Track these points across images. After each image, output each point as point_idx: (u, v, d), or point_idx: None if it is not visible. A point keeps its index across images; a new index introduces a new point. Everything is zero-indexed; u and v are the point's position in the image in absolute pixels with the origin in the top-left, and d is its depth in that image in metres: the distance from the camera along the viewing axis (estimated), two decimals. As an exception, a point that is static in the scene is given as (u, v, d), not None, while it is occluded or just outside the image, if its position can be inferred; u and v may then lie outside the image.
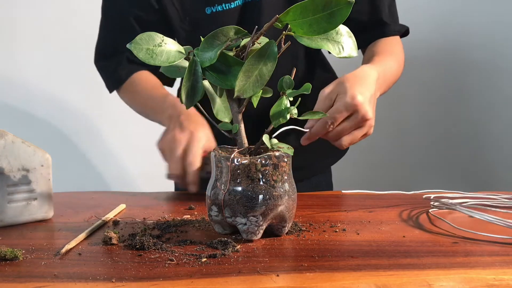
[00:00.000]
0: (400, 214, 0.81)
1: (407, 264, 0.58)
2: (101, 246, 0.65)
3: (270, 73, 0.63)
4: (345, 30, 0.65)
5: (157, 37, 0.64)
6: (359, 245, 0.65)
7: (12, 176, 0.75)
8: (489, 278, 0.54)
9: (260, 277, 0.54)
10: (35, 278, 0.54)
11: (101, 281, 0.53)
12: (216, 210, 0.66)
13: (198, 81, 0.65)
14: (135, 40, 0.63)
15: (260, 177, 0.64)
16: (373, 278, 0.53)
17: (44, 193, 0.78)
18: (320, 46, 0.64)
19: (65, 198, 0.95)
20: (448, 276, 0.54)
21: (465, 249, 0.63)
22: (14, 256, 0.59)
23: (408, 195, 0.93)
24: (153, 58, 0.63)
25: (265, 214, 0.64)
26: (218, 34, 0.64)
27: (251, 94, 0.64)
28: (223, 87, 0.66)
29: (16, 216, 0.75)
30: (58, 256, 0.61)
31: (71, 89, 1.80)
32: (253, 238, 0.66)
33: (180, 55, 0.65)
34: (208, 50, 0.64)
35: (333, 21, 0.60)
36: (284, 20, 0.62)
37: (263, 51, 0.62)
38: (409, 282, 0.53)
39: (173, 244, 0.65)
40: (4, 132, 0.74)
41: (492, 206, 0.82)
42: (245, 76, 0.62)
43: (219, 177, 0.66)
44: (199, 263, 0.58)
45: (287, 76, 0.68)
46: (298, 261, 0.59)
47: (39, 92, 1.80)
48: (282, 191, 0.65)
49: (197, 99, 0.66)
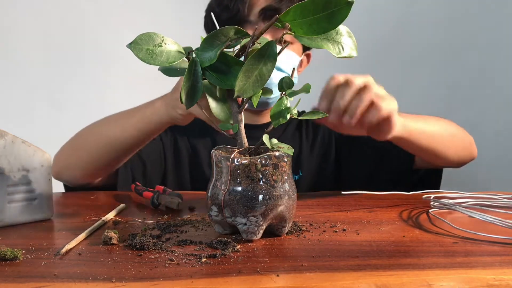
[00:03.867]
0: (400, 214, 0.81)
1: (407, 264, 0.58)
2: (101, 246, 0.65)
3: (270, 73, 0.63)
4: (345, 30, 0.65)
5: (157, 37, 0.64)
6: (359, 245, 0.65)
7: (12, 176, 0.75)
8: (489, 278, 0.54)
9: (260, 277, 0.54)
10: (35, 278, 0.54)
11: (101, 281, 0.53)
12: (216, 210, 0.66)
13: (198, 81, 0.65)
14: (134, 41, 0.63)
15: (260, 177, 0.64)
16: (373, 278, 0.53)
17: (44, 193, 0.78)
18: (320, 46, 0.64)
19: (65, 198, 0.95)
20: (448, 276, 0.54)
21: (465, 249, 0.63)
22: (14, 256, 0.59)
23: (408, 195, 0.93)
24: (153, 58, 0.63)
25: (265, 214, 0.64)
26: (218, 34, 0.64)
27: (251, 94, 0.63)
28: (223, 87, 0.66)
29: (16, 216, 0.75)
30: (58, 256, 0.61)
31: (71, 89, 1.80)
32: (253, 238, 0.66)
33: (180, 55, 0.65)
34: (208, 50, 0.64)
35: (333, 21, 0.60)
36: (284, 20, 0.61)
37: (263, 51, 0.62)
38: (409, 282, 0.53)
39: (173, 244, 0.65)
40: (4, 132, 0.74)
41: (492, 206, 0.82)
42: (245, 76, 0.62)
43: (219, 177, 0.66)
44: (199, 263, 0.58)
45: (286, 76, 0.68)
46: (298, 261, 0.59)
47: (39, 92, 1.80)
48: (282, 191, 0.65)
49: (197, 99, 0.66)
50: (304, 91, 0.68)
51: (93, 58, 1.78)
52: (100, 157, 1.00)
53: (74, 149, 1.04)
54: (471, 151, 1.05)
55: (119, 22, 1.77)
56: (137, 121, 0.96)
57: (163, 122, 0.93)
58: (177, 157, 1.18)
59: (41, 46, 1.78)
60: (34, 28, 1.77)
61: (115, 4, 1.79)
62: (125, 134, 0.97)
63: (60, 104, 1.80)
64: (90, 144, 1.01)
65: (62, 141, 1.05)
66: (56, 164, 1.02)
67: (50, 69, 1.79)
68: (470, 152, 1.04)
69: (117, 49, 1.74)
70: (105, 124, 1.02)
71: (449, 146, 0.98)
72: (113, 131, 0.99)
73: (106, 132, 1.00)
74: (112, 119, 1.02)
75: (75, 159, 1.02)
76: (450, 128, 1.00)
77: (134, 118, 0.96)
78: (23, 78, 1.79)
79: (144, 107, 0.96)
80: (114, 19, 1.78)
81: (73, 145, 1.05)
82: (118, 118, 1.00)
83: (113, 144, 0.98)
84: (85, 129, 1.05)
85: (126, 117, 0.99)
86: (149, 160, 1.13)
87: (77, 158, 1.02)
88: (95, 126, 1.04)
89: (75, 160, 1.02)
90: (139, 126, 0.96)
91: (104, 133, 1.01)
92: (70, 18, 1.78)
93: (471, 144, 1.05)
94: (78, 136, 1.05)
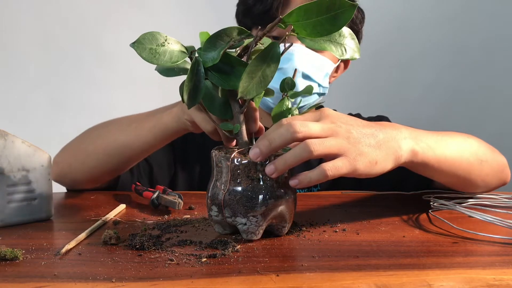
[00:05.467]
0: (400, 214, 0.81)
1: (407, 264, 0.58)
2: (101, 246, 0.65)
3: (273, 74, 0.63)
4: (347, 32, 0.65)
5: (160, 37, 0.64)
6: (359, 245, 0.65)
7: (12, 176, 0.75)
8: (489, 278, 0.54)
9: (260, 277, 0.54)
10: (35, 278, 0.54)
11: (101, 281, 0.53)
12: (216, 210, 0.66)
13: (201, 81, 0.65)
14: (138, 40, 0.62)
15: (260, 177, 0.64)
16: (373, 278, 0.53)
17: (44, 193, 0.78)
18: (323, 48, 0.64)
19: (65, 198, 0.95)
20: (448, 276, 0.54)
21: (465, 249, 0.63)
22: (14, 256, 0.59)
23: (408, 195, 0.93)
24: (156, 58, 0.63)
25: (265, 214, 0.64)
26: (221, 34, 0.64)
27: (254, 95, 0.63)
28: (226, 88, 0.66)
29: (16, 216, 0.75)
30: (58, 256, 0.61)
31: (71, 89, 1.80)
32: (253, 238, 0.66)
33: (183, 55, 0.65)
34: (211, 50, 0.64)
35: (337, 23, 0.60)
36: (288, 21, 0.62)
37: (266, 52, 0.62)
38: (409, 282, 0.53)
39: (173, 244, 0.65)
40: (4, 132, 0.74)
41: (492, 206, 0.82)
42: (249, 77, 0.62)
43: (219, 177, 0.66)
44: (199, 263, 0.58)
45: (288, 77, 0.68)
46: (298, 261, 0.59)
47: (39, 92, 1.80)
48: (282, 191, 0.65)
49: (199, 99, 0.66)
50: (306, 93, 0.68)
51: (93, 58, 1.78)
52: (108, 162, 0.95)
53: (78, 153, 0.99)
54: (502, 177, 0.90)
55: (119, 22, 1.77)
56: (153, 126, 0.90)
57: (179, 128, 0.87)
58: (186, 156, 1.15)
59: (41, 46, 1.78)
60: (34, 28, 1.77)
61: (115, 4, 1.79)
62: (139, 139, 0.92)
63: (60, 104, 1.80)
64: (97, 148, 0.96)
65: (62, 141, 1.04)
66: (57, 167, 0.98)
67: (50, 69, 1.79)
68: (500, 178, 0.90)
69: (117, 49, 1.74)
70: (116, 128, 0.96)
71: (476, 173, 0.83)
72: (125, 136, 0.93)
73: (116, 136, 0.95)
74: (123, 123, 0.96)
75: (79, 164, 0.97)
76: (479, 151, 0.84)
77: (150, 123, 0.91)
78: (23, 78, 1.79)
79: (160, 112, 0.91)
80: (114, 19, 1.78)
81: (77, 148, 1.00)
82: (130, 122, 0.95)
83: (124, 149, 0.94)
84: (91, 132, 1.00)
85: (140, 122, 0.93)
86: (156, 163, 1.09)
87: (82, 163, 0.97)
88: (103, 129, 0.99)
89: (79, 165, 0.97)
90: (155, 131, 0.90)
91: (113, 137, 0.95)
92: (70, 18, 1.78)
93: (504, 168, 0.91)
94: (83, 139, 1.00)
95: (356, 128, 0.65)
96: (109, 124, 0.99)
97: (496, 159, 0.89)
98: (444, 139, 0.78)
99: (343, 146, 0.62)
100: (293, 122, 0.61)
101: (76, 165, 0.98)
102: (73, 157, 0.99)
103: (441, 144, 0.76)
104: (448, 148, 0.77)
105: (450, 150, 0.77)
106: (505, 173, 0.91)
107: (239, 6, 1.11)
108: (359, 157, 0.63)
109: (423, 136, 0.74)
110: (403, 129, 0.71)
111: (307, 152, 0.60)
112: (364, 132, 0.65)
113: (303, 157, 0.60)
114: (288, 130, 0.61)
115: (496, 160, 0.88)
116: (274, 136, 0.61)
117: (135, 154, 0.95)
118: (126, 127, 0.95)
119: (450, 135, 0.81)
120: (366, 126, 0.67)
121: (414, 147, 0.70)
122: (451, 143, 0.79)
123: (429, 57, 1.83)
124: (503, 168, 0.90)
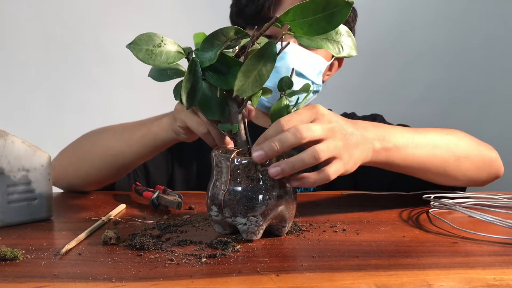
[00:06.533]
0: (400, 214, 0.81)
1: (407, 264, 0.58)
2: (101, 246, 0.65)
3: (269, 74, 0.63)
4: (344, 29, 0.65)
5: (157, 38, 0.64)
6: (359, 245, 0.65)
7: (12, 176, 0.75)
8: (489, 278, 0.54)
9: (260, 277, 0.54)
10: (35, 278, 0.54)
11: (101, 281, 0.53)
12: (216, 210, 0.66)
13: (198, 81, 0.65)
14: (134, 41, 0.62)
15: (260, 177, 0.64)
16: (373, 278, 0.53)
17: (44, 193, 0.78)
18: (319, 46, 0.64)
19: (65, 198, 0.95)
20: (448, 276, 0.54)
21: (465, 249, 0.63)
22: (14, 256, 0.59)
23: (408, 195, 0.93)
24: (153, 58, 0.63)
25: (265, 214, 0.64)
26: (218, 34, 0.64)
27: (249, 94, 0.63)
28: (223, 88, 0.66)
29: (16, 216, 0.75)
30: (58, 256, 0.61)
31: (71, 89, 1.80)
32: (253, 238, 0.66)
33: (179, 56, 0.65)
34: (208, 50, 0.64)
35: (333, 21, 0.60)
36: (284, 20, 0.62)
37: (262, 51, 0.62)
38: (409, 282, 0.53)
39: (173, 244, 0.65)
40: (4, 132, 0.74)
41: (492, 206, 0.83)
42: (244, 76, 0.62)
43: (219, 177, 0.66)
44: (199, 263, 0.58)
45: (286, 76, 0.68)
46: (298, 261, 0.59)
47: (39, 92, 1.80)
48: (282, 191, 0.65)
49: (197, 100, 0.65)
50: (304, 91, 0.68)
51: (93, 58, 1.77)
52: (102, 169, 0.96)
53: (74, 159, 1.01)
54: (491, 171, 0.92)
55: (119, 23, 1.77)
56: (143, 135, 0.91)
57: (169, 138, 0.88)
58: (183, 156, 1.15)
59: (41, 46, 1.78)
60: (34, 28, 1.76)
61: (115, 4, 1.79)
62: (130, 149, 0.93)
63: (60, 104, 1.80)
64: (93, 155, 0.97)
65: (62, 141, 1.04)
66: (54, 171, 0.95)
67: (50, 69, 1.79)
68: (489, 173, 0.91)
69: (117, 49, 1.74)
70: (110, 136, 0.98)
71: (453, 169, 0.85)
72: (118, 144, 0.95)
73: (109, 144, 0.96)
74: (117, 131, 0.97)
75: (74, 169, 0.99)
76: (458, 147, 0.85)
77: (140, 133, 0.92)
78: (23, 78, 1.79)
79: (150, 122, 0.92)
80: (114, 19, 1.78)
81: (73, 154, 1.01)
82: (123, 131, 0.96)
83: (116, 157, 0.95)
84: (87, 139, 1.01)
85: (131, 131, 0.94)
86: (153, 165, 1.10)
87: (77, 169, 0.98)
88: (98, 136, 1.00)
89: (75, 170, 0.99)
90: (144, 141, 0.91)
91: (107, 145, 0.97)
92: (70, 18, 1.78)
93: (492, 162, 0.91)
94: (79, 145, 1.02)
95: (345, 128, 0.69)
96: (104, 131, 1.00)
97: (482, 154, 0.90)
98: (417, 137, 0.80)
99: (339, 150, 0.67)
100: (299, 127, 0.64)
101: (72, 170, 0.99)
102: (69, 162, 1.00)
103: (411, 143, 0.78)
104: (418, 146, 0.79)
105: (421, 148, 0.80)
106: (495, 167, 0.93)
107: (233, 7, 1.13)
108: (349, 159, 0.68)
109: (392, 135, 0.76)
110: (371, 127, 0.74)
111: (314, 159, 0.64)
112: (349, 132, 0.70)
113: (311, 163, 0.64)
114: (296, 135, 0.63)
115: (481, 154, 0.90)
116: (281, 140, 0.63)
117: (129, 162, 0.96)
118: (119, 135, 0.96)
119: (426, 132, 0.83)
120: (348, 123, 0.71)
121: (376, 147, 0.74)
122: (423, 141, 0.81)
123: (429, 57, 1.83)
124: (490, 162, 0.91)
